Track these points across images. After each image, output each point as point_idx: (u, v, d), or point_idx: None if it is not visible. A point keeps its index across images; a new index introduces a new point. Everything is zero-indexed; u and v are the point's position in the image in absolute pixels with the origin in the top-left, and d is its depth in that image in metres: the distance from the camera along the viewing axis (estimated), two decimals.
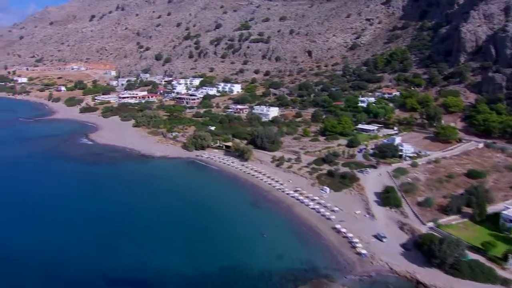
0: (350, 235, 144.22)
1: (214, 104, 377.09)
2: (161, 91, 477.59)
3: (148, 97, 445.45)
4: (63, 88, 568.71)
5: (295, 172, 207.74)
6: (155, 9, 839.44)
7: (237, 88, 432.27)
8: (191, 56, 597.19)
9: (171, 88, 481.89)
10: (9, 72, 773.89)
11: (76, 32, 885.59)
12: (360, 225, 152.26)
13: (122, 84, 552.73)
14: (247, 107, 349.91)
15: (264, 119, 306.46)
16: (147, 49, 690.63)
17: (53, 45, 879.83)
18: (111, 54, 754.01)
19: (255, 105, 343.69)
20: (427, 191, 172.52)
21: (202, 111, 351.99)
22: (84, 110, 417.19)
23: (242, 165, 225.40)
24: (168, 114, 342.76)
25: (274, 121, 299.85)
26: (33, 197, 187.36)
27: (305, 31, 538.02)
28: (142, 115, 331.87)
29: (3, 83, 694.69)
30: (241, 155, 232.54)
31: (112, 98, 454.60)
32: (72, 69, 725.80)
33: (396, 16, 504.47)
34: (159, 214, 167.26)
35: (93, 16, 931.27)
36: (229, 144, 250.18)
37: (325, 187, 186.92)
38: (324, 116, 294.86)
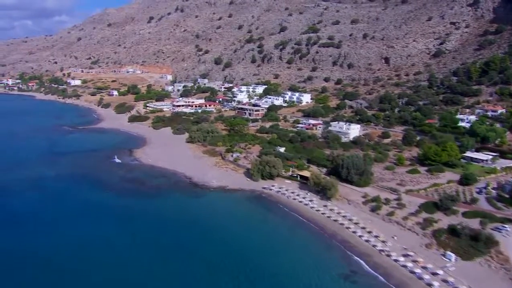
0: None
1: (281, 117, 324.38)
2: (220, 99, 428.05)
3: (206, 105, 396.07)
4: (115, 93, 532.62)
5: (399, 222, 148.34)
6: (215, 10, 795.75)
7: (306, 98, 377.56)
8: (253, 61, 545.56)
9: (231, 96, 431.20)
10: (64, 74, 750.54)
11: (133, 34, 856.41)
12: None
13: (178, 90, 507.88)
14: (321, 122, 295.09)
15: (343, 138, 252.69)
16: (206, 52, 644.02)
17: (109, 47, 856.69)
18: (168, 57, 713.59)
19: (331, 121, 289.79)
20: None
21: (267, 125, 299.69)
22: (133, 119, 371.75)
23: (324, 206, 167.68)
24: (228, 128, 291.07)
25: (356, 142, 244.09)
26: (47, 246, 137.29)
27: (381, 35, 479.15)
28: (198, 129, 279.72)
29: (55, 85, 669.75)
30: (322, 191, 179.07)
31: (166, 106, 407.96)
32: (127, 72, 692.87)
33: (486, 19, 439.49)
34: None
35: (151, 18, 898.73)
36: (306, 174, 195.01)
37: (449, 252, 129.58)
38: (418, 138, 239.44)
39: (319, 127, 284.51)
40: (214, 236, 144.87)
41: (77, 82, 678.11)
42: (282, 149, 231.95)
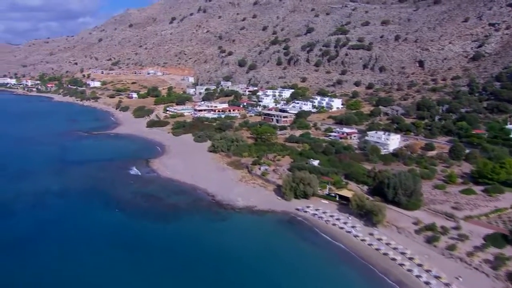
0: None
1: (311, 124, 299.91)
2: (245, 104, 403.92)
3: (229, 110, 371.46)
4: (134, 95, 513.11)
5: (464, 259, 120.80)
6: (239, 11, 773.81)
7: (337, 104, 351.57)
8: (279, 63, 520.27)
9: (256, 100, 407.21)
10: (83, 75, 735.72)
11: (155, 35, 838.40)
12: None
13: (200, 93, 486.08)
14: (356, 131, 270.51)
15: (383, 150, 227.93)
16: (230, 54, 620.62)
17: (130, 48, 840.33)
18: (190, 58, 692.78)
19: (367, 129, 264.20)
20: None
21: (297, 133, 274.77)
22: (151, 124, 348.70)
23: (370, 234, 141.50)
24: (254, 136, 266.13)
25: (397, 154, 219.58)
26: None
27: (414, 37, 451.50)
28: (221, 137, 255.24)
29: (74, 87, 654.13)
30: (366, 215, 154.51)
31: (187, 110, 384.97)
32: (148, 73, 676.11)
33: None
34: None
35: (173, 19, 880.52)
36: (346, 194, 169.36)
37: None
38: (467, 152, 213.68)
39: (354, 137, 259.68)
40: (240, 271, 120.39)
41: (97, 84, 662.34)
42: (315, 162, 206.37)
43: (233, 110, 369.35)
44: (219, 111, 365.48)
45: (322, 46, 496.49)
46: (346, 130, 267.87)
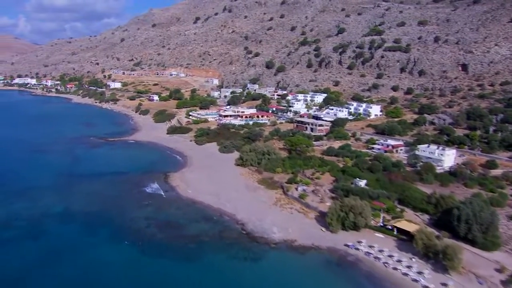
0: None
1: (349, 134, 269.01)
2: (274, 109, 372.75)
3: (257, 116, 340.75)
4: (155, 98, 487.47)
5: None
6: (266, 11, 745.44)
7: (375, 110, 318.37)
8: (309, 65, 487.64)
9: (286, 105, 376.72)
10: (104, 76, 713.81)
11: (178, 35, 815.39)
12: None
13: (225, 96, 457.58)
14: (403, 143, 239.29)
15: (437, 168, 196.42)
16: (256, 55, 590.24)
17: (153, 48, 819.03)
18: (214, 59, 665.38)
19: (415, 142, 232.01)
20: None
21: (334, 144, 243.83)
22: (172, 130, 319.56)
23: (444, 284, 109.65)
24: (288, 148, 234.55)
25: (455, 173, 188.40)
26: None
27: (455, 38, 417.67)
28: (251, 149, 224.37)
29: (94, 88, 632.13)
30: (435, 256, 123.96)
31: (211, 115, 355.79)
32: (171, 75, 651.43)
33: None
34: None
35: (197, 18, 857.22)
36: (407, 227, 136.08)
37: None
38: None
39: (401, 150, 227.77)
40: None
41: (117, 85, 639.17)
42: (362, 183, 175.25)
43: (262, 116, 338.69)
44: (246, 117, 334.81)
45: (356, 48, 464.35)
46: (391, 142, 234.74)
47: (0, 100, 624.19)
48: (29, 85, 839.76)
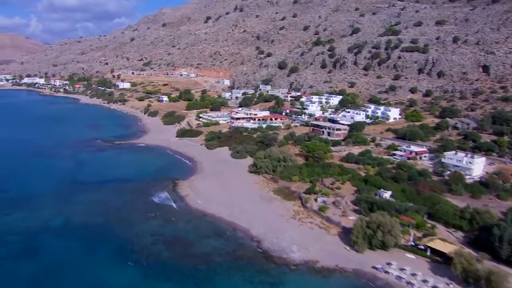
0: None
1: (369, 139, 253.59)
2: (287, 111, 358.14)
3: (271, 119, 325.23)
4: (165, 98, 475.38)
5: None
6: (278, 10, 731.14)
7: (394, 114, 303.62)
8: (323, 66, 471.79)
9: (300, 107, 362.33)
10: (113, 76, 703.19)
11: (189, 35, 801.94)
12: None
13: (237, 97, 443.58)
14: (427, 149, 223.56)
15: (467, 177, 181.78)
16: (269, 55, 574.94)
17: (163, 47, 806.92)
18: (225, 59, 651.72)
19: (440, 148, 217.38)
20: None
21: (353, 150, 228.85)
22: (182, 133, 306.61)
23: None
24: (304, 154, 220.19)
25: (487, 184, 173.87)
26: None
27: (475, 39, 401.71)
28: (265, 155, 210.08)
29: (102, 88, 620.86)
30: (476, 282, 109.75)
31: (222, 118, 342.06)
32: (181, 75, 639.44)
33: None
34: None
35: (208, 18, 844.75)
36: (441, 247, 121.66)
37: None
38: None
39: (425, 157, 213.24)
40: None
41: (126, 85, 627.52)
42: (387, 194, 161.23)
43: (275, 119, 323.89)
44: (259, 119, 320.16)
45: (371, 48, 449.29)
46: (414, 148, 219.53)
47: (7, 100, 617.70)
48: (37, 84, 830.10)
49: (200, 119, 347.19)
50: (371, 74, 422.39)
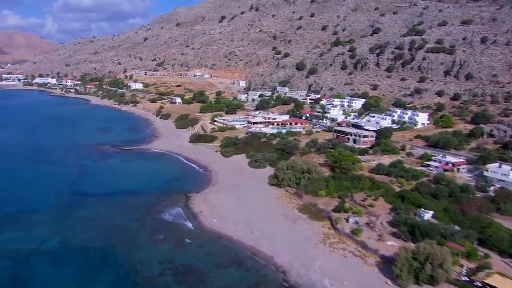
0: None
1: (398, 147, 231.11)
2: (307, 115, 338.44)
3: (290, 123, 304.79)
4: (178, 100, 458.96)
5: None
6: (295, 9, 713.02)
7: (422, 119, 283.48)
8: (344, 67, 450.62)
9: (321, 111, 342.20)
10: (126, 76, 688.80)
11: (203, 34, 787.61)
12: None
13: (253, 100, 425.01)
14: (465, 160, 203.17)
15: None
16: (286, 55, 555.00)
17: (177, 47, 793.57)
18: (241, 60, 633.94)
19: (478, 158, 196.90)
20: None
21: (382, 159, 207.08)
22: (196, 139, 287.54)
23: None
24: (330, 163, 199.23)
25: None
26: None
27: (505, 39, 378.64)
28: (288, 166, 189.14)
29: (114, 88, 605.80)
30: None
31: (239, 122, 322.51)
32: (195, 76, 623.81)
33: None
34: None
35: (223, 17, 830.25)
36: (501, 285, 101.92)
37: None
38: None
39: (463, 169, 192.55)
40: None
41: (138, 86, 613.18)
42: (428, 215, 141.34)
43: (295, 124, 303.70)
44: (278, 124, 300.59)
45: (394, 49, 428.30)
46: (451, 159, 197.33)
47: (15, 101, 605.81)
48: (48, 84, 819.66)
49: (215, 123, 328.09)
50: (394, 76, 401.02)
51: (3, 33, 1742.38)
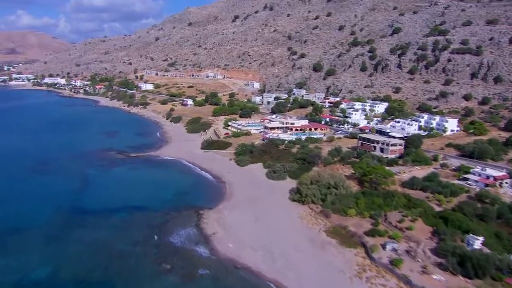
0: None
1: (430, 157, 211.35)
2: (327, 120, 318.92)
3: (310, 129, 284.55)
4: (190, 102, 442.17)
5: None
6: (311, 8, 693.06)
7: (451, 125, 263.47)
8: (363, 69, 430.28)
9: (342, 115, 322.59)
10: (136, 77, 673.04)
11: (216, 34, 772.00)
12: None
13: (268, 102, 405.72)
14: (507, 173, 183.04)
15: None
16: (302, 56, 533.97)
17: (189, 47, 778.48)
18: (255, 60, 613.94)
19: None
20: None
21: (414, 171, 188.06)
22: (208, 145, 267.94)
23: None
24: (358, 176, 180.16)
25: None
26: None
27: None
28: (313, 180, 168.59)
29: (124, 89, 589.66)
30: None
31: (254, 127, 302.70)
32: (207, 76, 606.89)
33: None
34: None
35: (236, 17, 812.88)
36: None
37: None
38: None
39: (506, 183, 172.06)
40: None
41: (149, 87, 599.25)
42: (478, 241, 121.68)
43: (315, 129, 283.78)
44: (297, 129, 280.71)
45: (417, 49, 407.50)
46: (492, 173, 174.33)
47: (23, 102, 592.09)
48: (58, 85, 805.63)
49: (229, 127, 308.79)
50: (417, 78, 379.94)
51: (16, 33, 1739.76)
